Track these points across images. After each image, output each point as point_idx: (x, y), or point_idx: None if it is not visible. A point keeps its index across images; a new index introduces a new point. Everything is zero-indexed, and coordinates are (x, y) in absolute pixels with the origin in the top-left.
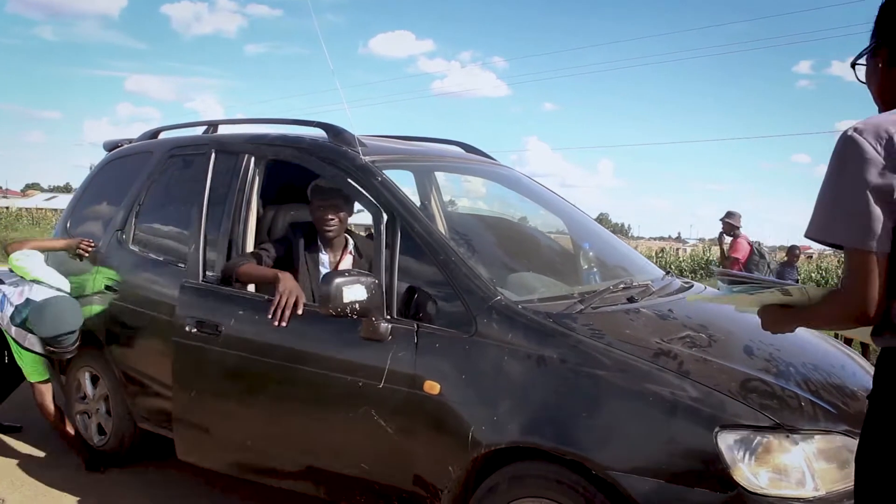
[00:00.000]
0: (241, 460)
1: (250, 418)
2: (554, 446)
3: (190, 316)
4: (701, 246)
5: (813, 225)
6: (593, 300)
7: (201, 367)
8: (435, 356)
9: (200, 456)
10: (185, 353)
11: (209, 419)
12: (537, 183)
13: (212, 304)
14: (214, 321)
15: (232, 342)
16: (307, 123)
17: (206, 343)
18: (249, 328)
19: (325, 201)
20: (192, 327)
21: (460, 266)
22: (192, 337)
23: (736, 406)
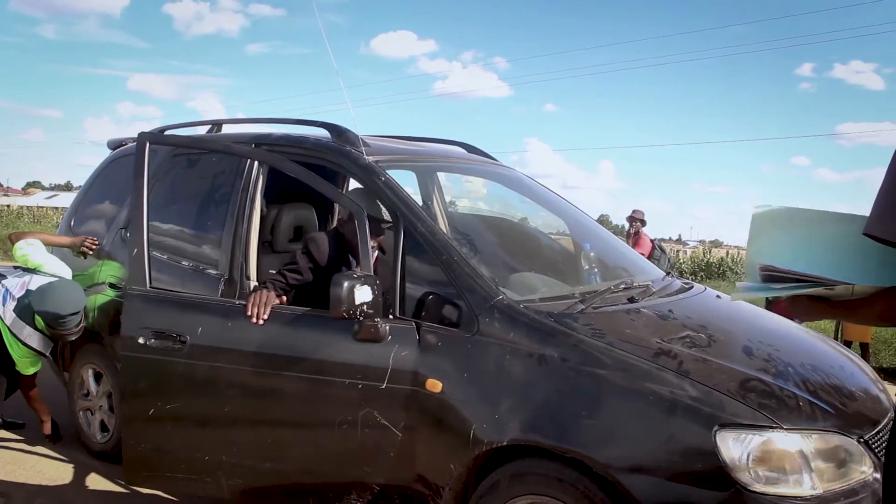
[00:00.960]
0: (217, 477)
1: (230, 433)
2: (555, 444)
3: (143, 327)
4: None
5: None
6: (594, 300)
7: (162, 384)
8: (437, 355)
9: (160, 481)
10: (139, 368)
11: (173, 439)
12: (538, 183)
13: (169, 312)
14: (176, 331)
15: (201, 353)
16: (311, 123)
17: (166, 356)
18: (224, 336)
19: (378, 232)
20: (146, 339)
21: (462, 266)
22: (146, 350)
23: (735, 405)
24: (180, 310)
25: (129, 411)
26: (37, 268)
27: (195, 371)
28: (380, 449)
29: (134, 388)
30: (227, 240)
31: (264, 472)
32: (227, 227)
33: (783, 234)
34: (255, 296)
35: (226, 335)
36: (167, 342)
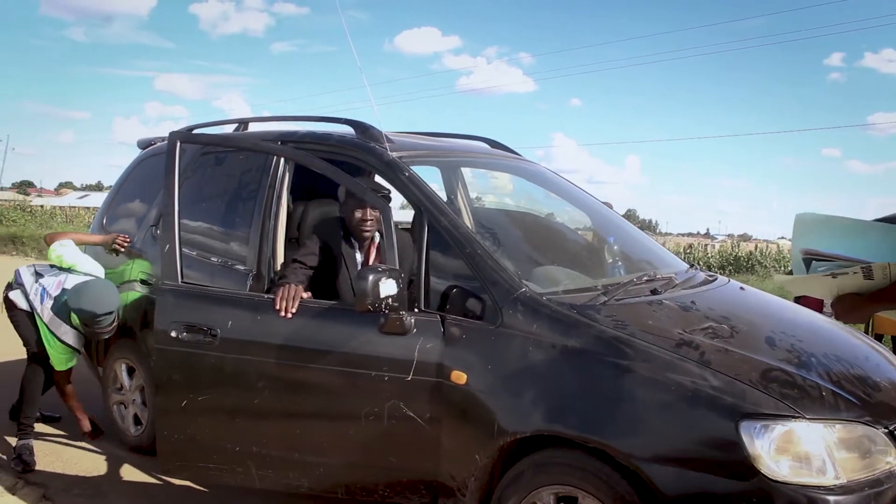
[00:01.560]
0: (248, 468)
1: (260, 424)
2: (577, 434)
3: (174, 321)
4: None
5: None
6: (617, 292)
7: (194, 376)
8: (461, 347)
9: (193, 471)
10: (171, 361)
11: (205, 430)
12: (562, 178)
13: (200, 306)
14: (207, 325)
15: (232, 346)
16: (335, 120)
17: (197, 349)
18: (253, 330)
19: (360, 203)
20: (178, 333)
21: (486, 259)
22: (179, 343)
23: (757, 395)
24: (211, 304)
25: (163, 403)
26: (71, 267)
27: (225, 364)
28: (406, 440)
29: (167, 380)
30: (255, 236)
31: (293, 463)
32: (254, 224)
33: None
34: (282, 290)
35: (255, 328)
36: (198, 336)
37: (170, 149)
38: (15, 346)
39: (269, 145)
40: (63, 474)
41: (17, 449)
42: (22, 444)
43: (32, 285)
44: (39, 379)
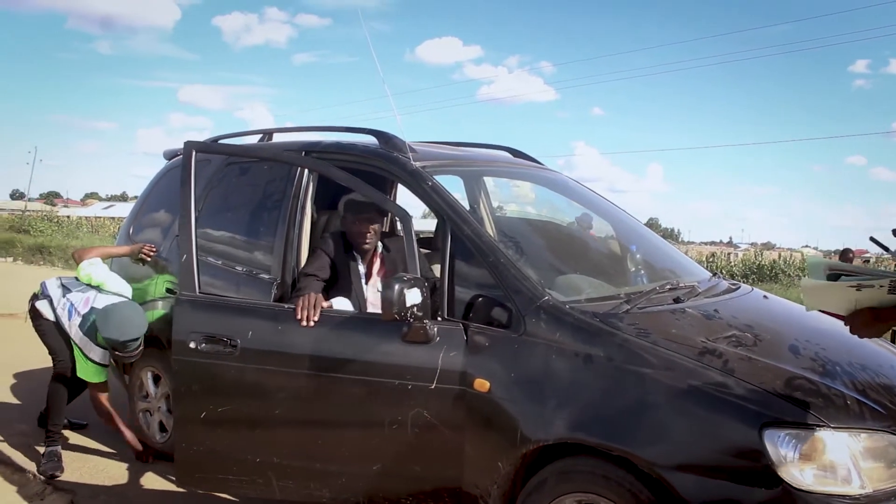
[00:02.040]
0: (269, 479)
1: (281, 434)
2: (600, 442)
3: (193, 331)
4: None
5: None
6: (639, 300)
7: (213, 387)
8: (484, 355)
9: (211, 482)
10: (190, 372)
11: (225, 441)
12: (584, 186)
13: (220, 317)
14: (227, 335)
15: (253, 356)
16: (360, 131)
17: (217, 359)
18: (274, 340)
19: (359, 215)
20: (197, 344)
21: (509, 267)
22: (198, 354)
23: (781, 404)
24: (230, 314)
25: (182, 414)
26: (99, 285)
27: (246, 374)
28: (430, 448)
29: (186, 391)
30: (279, 245)
31: (315, 473)
32: (278, 233)
33: None
34: (302, 299)
35: (276, 338)
36: (218, 346)
37: (185, 158)
38: (43, 355)
39: (285, 154)
40: (90, 480)
41: (45, 456)
42: (50, 450)
43: (60, 299)
44: (65, 386)
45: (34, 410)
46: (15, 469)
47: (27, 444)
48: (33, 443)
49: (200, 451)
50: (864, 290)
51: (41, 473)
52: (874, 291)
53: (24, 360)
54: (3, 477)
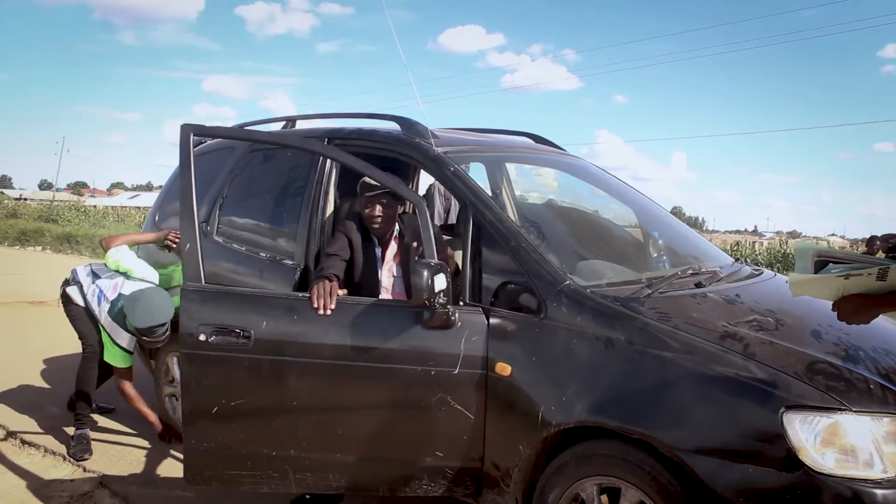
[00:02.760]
0: (285, 472)
1: (299, 426)
2: (620, 425)
3: (203, 323)
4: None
5: None
6: (661, 285)
7: (226, 380)
8: (506, 340)
9: (223, 479)
10: (201, 365)
11: (238, 436)
12: (606, 172)
13: (231, 307)
14: (240, 326)
15: (268, 347)
16: (381, 117)
17: (229, 352)
18: (291, 329)
19: (373, 198)
20: (207, 336)
21: (530, 252)
22: (208, 347)
23: (802, 387)
24: (242, 304)
25: (191, 409)
26: (127, 272)
27: (262, 365)
28: (452, 433)
29: (196, 385)
30: (303, 232)
31: (335, 464)
32: (301, 220)
33: None
34: (316, 287)
35: (292, 328)
36: (230, 338)
37: (183, 142)
38: (73, 341)
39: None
40: (117, 463)
41: (74, 439)
42: (79, 433)
43: (90, 286)
44: (93, 371)
45: (64, 395)
46: (45, 452)
47: (57, 427)
48: (63, 426)
49: (211, 447)
50: (852, 278)
51: (71, 456)
52: (862, 279)
53: (54, 347)
54: (34, 459)
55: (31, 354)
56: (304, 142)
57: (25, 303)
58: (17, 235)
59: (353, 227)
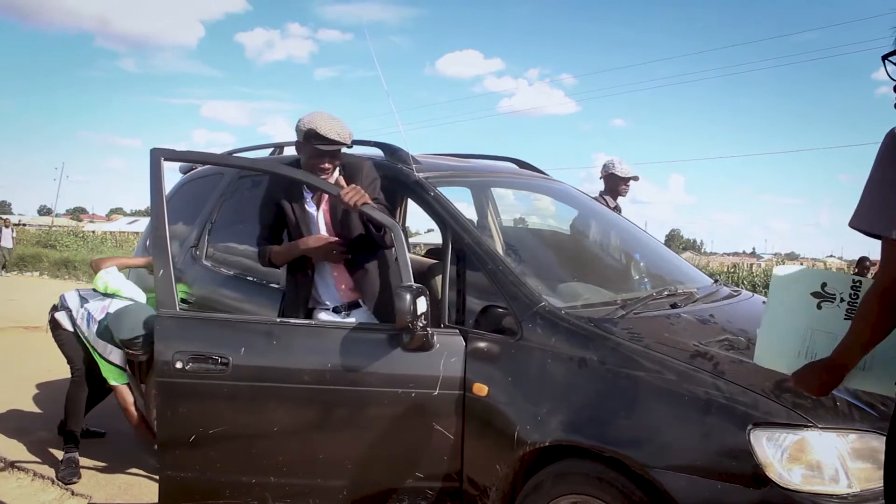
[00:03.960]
0: (265, 499)
1: (279, 452)
2: (594, 444)
3: (179, 351)
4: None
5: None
6: (635, 306)
7: (204, 408)
8: (483, 360)
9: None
10: (177, 393)
11: (217, 464)
12: (588, 196)
13: (208, 334)
14: (218, 353)
15: (248, 373)
16: (366, 143)
17: (207, 379)
18: (270, 355)
19: (325, 152)
20: (184, 363)
21: (507, 274)
22: (185, 374)
23: (769, 405)
24: (220, 331)
25: (167, 438)
26: (115, 293)
27: (240, 392)
28: (432, 453)
29: (172, 414)
30: None
31: (315, 489)
32: None
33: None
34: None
35: (272, 353)
36: (208, 364)
37: (153, 166)
38: (65, 366)
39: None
40: (106, 487)
41: (63, 462)
42: (68, 457)
43: (78, 309)
44: (82, 396)
45: (55, 419)
46: (34, 475)
47: (46, 451)
48: (52, 450)
49: (189, 477)
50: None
51: (59, 480)
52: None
53: (46, 371)
54: (23, 483)
55: (22, 379)
56: (272, 165)
57: (20, 328)
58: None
59: (279, 192)
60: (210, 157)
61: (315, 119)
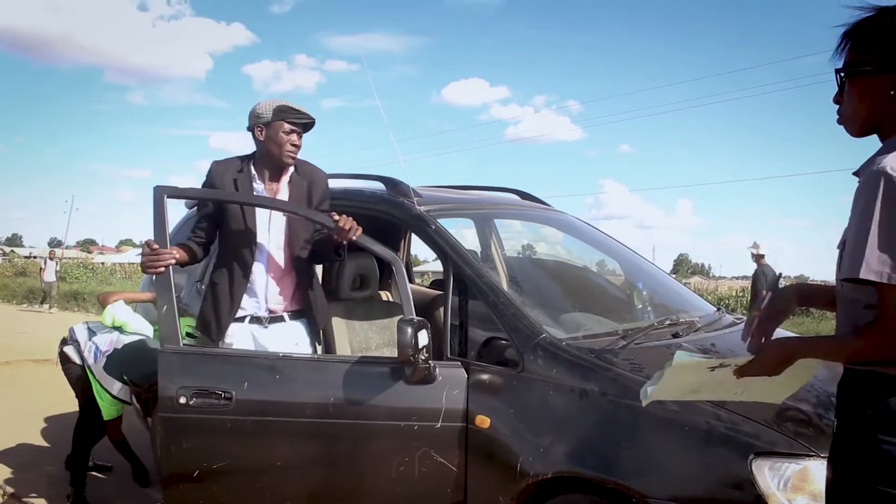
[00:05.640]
0: None
1: (283, 485)
2: (596, 475)
3: (183, 386)
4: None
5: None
6: (636, 336)
7: (208, 443)
8: (485, 392)
9: None
10: (181, 428)
11: (223, 497)
12: (590, 226)
13: (211, 369)
14: (221, 388)
15: (251, 408)
16: (368, 177)
17: (211, 414)
18: (273, 389)
19: (298, 125)
20: (188, 399)
21: (508, 306)
22: (188, 410)
23: (771, 434)
24: (222, 365)
25: (171, 473)
26: (122, 326)
27: (244, 426)
28: (435, 486)
29: (176, 450)
30: None
31: None
32: None
33: None
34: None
35: (275, 388)
36: (211, 399)
37: (156, 204)
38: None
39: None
40: None
41: (70, 497)
42: (76, 491)
43: (86, 342)
44: (90, 430)
45: (62, 453)
46: None
47: (54, 485)
48: (60, 485)
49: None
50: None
51: None
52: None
53: (54, 405)
54: None
55: (31, 412)
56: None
57: (29, 361)
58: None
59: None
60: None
61: (278, 100)
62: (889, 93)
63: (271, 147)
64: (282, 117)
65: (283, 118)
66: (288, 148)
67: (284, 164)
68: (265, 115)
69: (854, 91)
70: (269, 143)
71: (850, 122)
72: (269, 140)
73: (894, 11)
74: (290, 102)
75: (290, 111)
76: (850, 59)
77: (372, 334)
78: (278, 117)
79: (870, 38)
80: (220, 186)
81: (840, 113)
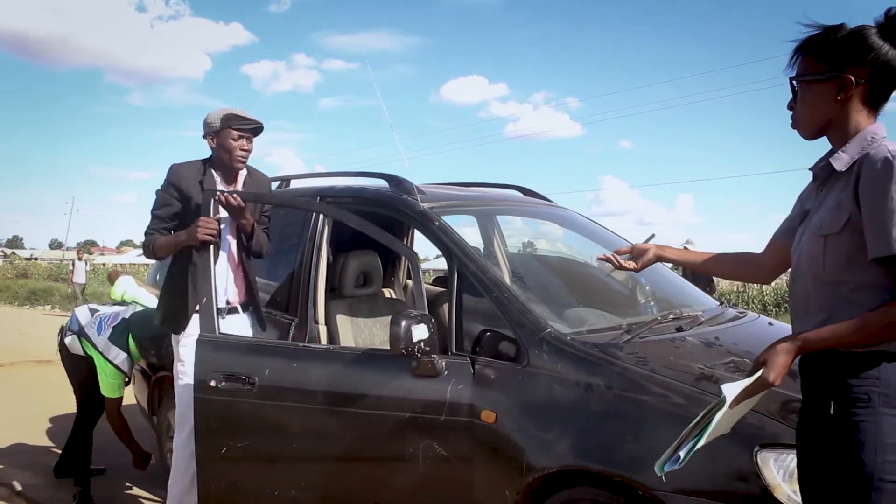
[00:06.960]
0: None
1: (296, 468)
2: (602, 469)
3: (215, 370)
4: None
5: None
6: (640, 330)
7: (233, 423)
8: (490, 387)
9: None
10: (211, 409)
11: (245, 476)
12: (593, 222)
13: (238, 356)
14: (245, 374)
15: (270, 393)
16: (371, 175)
17: (237, 397)
18: (289, 376)
19: (247, 131)
20: (218, 382)
21: (512, 302)
22: (218, 392)
23: (775, 426)
24: (248, 353)
25: (203, 451)
26: (133, 300)
27: (264, 410)
28: (440, 479)
29: (207, 428)
30: (297, 288)
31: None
32: (295, 276)
33: None
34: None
35: (291, 375)
36: (237, 384)
37: (205, 204)
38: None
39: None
40: None
41: (76, 496)
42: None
43: (89, 319)
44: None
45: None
46: None
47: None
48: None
49: (222, 486)
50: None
51: None
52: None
53: (59, 406)
54: None
55: (35, 413)
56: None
57: (31, 362)
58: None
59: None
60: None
61: (226, 109)
62: (836, 98)
63: (222, 154)
64: (229, 125)
65: (230, 125)
66: (238, 153)
67: (235, 168)
68: (214, 124)
69: (806, 97)
70: (220, 149)
71: (804, 126)
72: (220, 147)
73: (839, 29)
74: (237, 110)
75: (237, 118)
76: (802, 70)
77: (376, 331)
78: (226, 125)
79: (819, 50)
80: (184, 188)
81: (794, 118)
